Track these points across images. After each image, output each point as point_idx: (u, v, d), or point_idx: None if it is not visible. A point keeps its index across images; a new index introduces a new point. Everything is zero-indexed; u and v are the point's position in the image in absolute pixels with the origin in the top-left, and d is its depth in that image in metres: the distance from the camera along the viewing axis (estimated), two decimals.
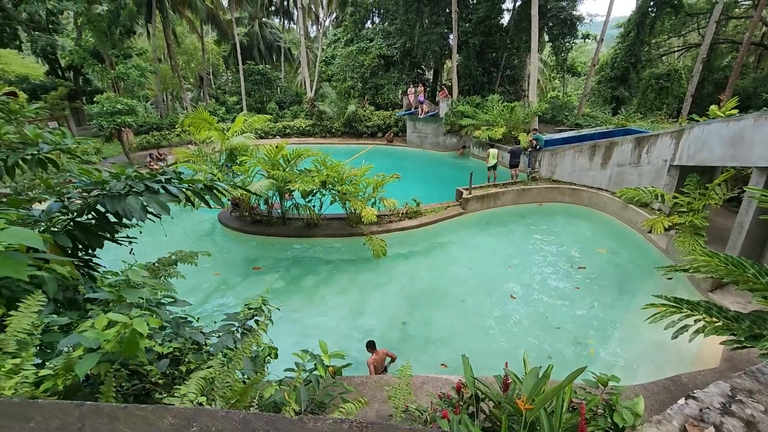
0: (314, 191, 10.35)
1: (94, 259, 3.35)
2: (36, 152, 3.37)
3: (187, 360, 2.14)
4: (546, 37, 24.39)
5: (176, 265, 5.28)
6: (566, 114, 22.41)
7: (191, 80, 41.56)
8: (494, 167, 14.45)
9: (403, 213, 11.71)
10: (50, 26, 24.08)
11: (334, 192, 10.39)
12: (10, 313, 1.63)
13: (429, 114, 23.69)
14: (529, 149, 15.09)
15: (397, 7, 25.45)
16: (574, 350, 6.78)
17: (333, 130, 27.43)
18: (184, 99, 31.90)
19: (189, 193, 3.23)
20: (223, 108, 30.86)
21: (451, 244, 10.99)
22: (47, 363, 1.49)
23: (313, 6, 37.29)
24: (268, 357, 2.58)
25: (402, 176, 11.57)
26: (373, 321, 7.63)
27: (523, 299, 8.23)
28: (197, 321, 2.66)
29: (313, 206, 10.86)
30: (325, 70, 32.40)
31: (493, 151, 14.46)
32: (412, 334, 7.25)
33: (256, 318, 3.00)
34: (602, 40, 23.23)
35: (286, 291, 8.71)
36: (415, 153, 23.50)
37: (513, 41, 24.12)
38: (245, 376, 2.20)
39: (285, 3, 37.15)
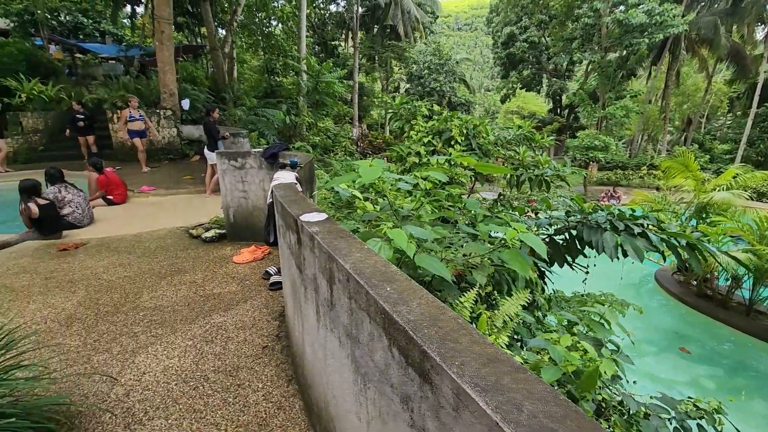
0: None
1: (548, 273, 3.79)
2: (540, 174, 4.15)
3: (612, 420, 1.95)
4: None
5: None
6: None
7: (676, 123, 38.03)
8: None
9: None
10: (566, 74, 29.29)
11: None
12: (501, 298, 2.06)
13: None
14: None
15: None
16: None
17: None
18: (661, 141, 29.81)
19: (664, 245, 2.92)
20: (707, 156, 26.28)
21: None
22: (519, 351, 1.78)
23: None
24: None
25: None
26: None
27: None
28: (631, 383, 2.39)
29: None
30: None
31: None
32: None
33: (699, 422, 2.34)
34: None
35: (717, 398, 6.42)
36: None
37: None
38: None
39: None
